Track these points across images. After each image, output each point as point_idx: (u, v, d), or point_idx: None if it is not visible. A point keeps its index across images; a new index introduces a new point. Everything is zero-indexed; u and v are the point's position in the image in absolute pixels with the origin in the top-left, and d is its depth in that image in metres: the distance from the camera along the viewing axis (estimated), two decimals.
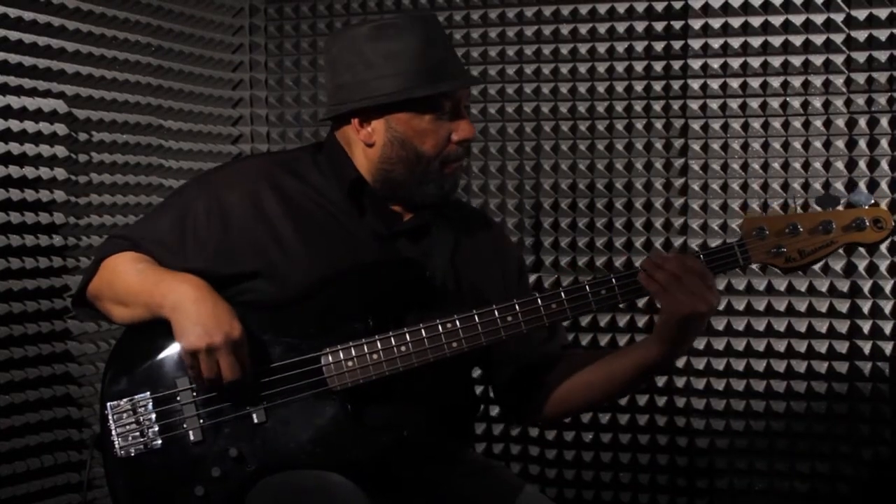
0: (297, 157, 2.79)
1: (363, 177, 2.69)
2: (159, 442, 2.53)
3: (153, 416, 2.54)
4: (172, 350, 2.54)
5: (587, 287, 2.54)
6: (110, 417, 2.55)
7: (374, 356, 2.53)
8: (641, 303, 4.15)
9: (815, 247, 2.50)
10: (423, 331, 2.53)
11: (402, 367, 2.53)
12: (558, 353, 2.82)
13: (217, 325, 2.44)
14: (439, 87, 2.62)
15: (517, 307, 2.53)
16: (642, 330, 4.18)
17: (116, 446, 2.53)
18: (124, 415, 2.54)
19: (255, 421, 2.52)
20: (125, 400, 2.55)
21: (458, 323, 2.53)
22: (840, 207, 2.52)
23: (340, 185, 2.70)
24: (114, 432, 2.54)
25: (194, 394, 2.53)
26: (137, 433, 2.53)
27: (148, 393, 2.55)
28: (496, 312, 2.53)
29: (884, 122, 3.90)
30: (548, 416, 2.81)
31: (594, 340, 4.23)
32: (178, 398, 2.54)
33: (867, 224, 2.49)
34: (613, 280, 2.54)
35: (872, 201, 2.51)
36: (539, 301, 2.54)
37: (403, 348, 2.53)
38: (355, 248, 2.67)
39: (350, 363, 2.53)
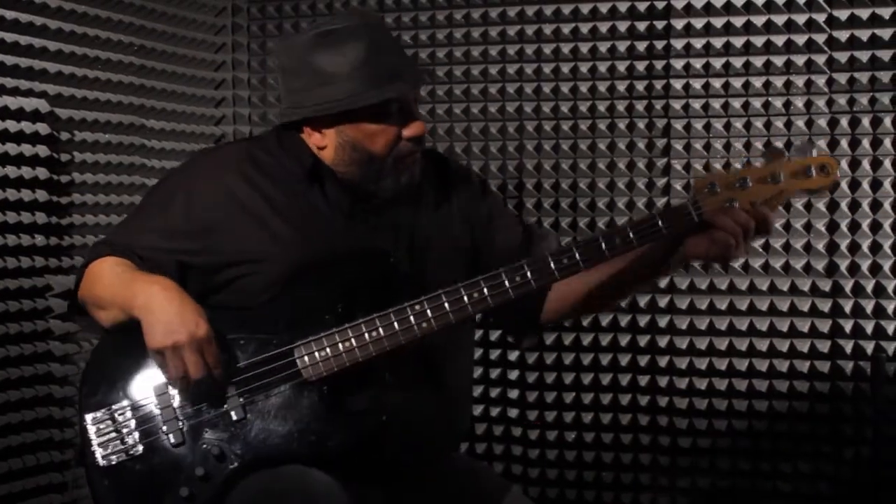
0: (266, 140, 2.80)
1: (319, 159, 2.70)
2: (140, 448, 2.53)
3: (132, 423, 2.54)
4: (146, 356, 2.54)
5: (549, 258, 2.54)
6: (90, 429, 2.55)
7: (346, 343, 2.54)
8: (643, 302, 4.17)
9: (765, 197, 2.52)
10: (391, 315, 2.54)
11: (375, 351, 2.54)
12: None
13: (182, 323, 2.45)
14: (385, 93, 2.60)
15: (482, 283, 2.55)
16: (643, 330, 4.19)
17: (98, 456, 2.54)
18: (103, 425, 2.55)
19: (234, 418, 2.53)
20: (103, 410, 2.56)
21: (425, 304, 2.54)
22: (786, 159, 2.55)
23: (301, 168, 2.71)
24: (94, 443, 2.54)
25: (171, 397, 2.54)
26: (118, 441, 2.54)
27: (125, 401, 2.56)
28: (462, 290, 2.54)
29: (865, 121, 3.91)
30: (550, 318, 2.88)
31: (595, 340, 4.24)
32: (156, 403, 2.54)
33: (814, 172, 2.51)
34: (574, 249, 2.54)
35: (815, 152, 2.53)
36: (503, 275, 2.54)
37: (374, 333, 2.54)
38: (323, 225, 2.68)
39: (323, 353, 2.54)
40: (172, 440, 2.53)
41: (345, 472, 2.50)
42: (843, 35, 3.92)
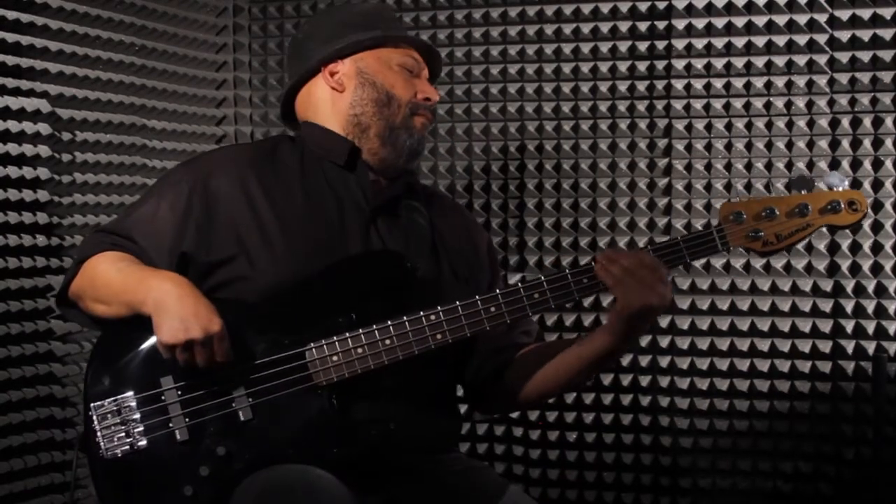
0: (277, 143, 2.87)
1: (357, 146, 2.77)
2: (145, 442, 2.52)
3: (138, 415, 2.53)
4: (155, 349, 2.53)
5: (568, 275, 2.55)
6: (95, 418, 2.54)
7: (359, 350, 2.53)
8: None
9: (791, 230, 2.53)
10: (406, 324, 2.54)
11: (388, 360, 2.54)
12: (524, 343, 2.88)
13: (196, 320, 2.45)
14: (407, 38, 2.82)
15: (500, 297, 2.55)
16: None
17: (102, 447, 2.52)
18: (109, 415, 2.53)
19: (242, 419, 2.52)
20: (109, 400, 2.54)
21: (441, 315, 2.54)
22: (814, 190, 2.54)
23: (335, 157, 2.77)
24: (99, 433, 2.53)
25: (179, 393, 2.52)
26: (123, 433, 2.52)
27: (132, 393, 2.54)
28: (479, 303, 2.55)
29: (867, 122, 3.91)
30: (509, 405, 3.09)
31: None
32: (163, 397, 2.53)
33: (842, 206, 2.51)
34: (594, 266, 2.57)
35: (846, 184, 2.52)
36: (522, 290, 2.55)
37: (388, 342, 2.54)
38: (337, 230, 2.69)
39: (335, 358, 2.53)
40: (179, 437, 2.51)
41: (348, 477, 2.49)
42: (844, 35, 3.92)
